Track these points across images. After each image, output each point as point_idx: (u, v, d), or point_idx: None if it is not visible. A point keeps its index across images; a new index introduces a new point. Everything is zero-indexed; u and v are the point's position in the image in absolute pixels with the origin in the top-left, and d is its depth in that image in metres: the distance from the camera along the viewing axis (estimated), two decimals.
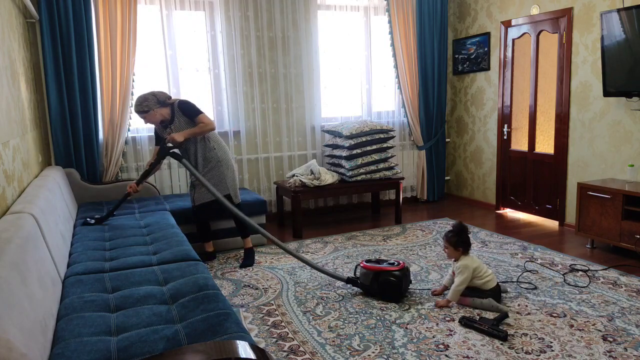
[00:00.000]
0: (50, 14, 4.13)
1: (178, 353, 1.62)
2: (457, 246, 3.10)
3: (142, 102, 3.60)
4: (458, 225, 3.13)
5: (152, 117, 3.64)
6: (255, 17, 5.08)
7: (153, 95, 3.63)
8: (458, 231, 3.11)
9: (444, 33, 5.78)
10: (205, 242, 4.08)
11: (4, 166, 2.53)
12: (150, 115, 3.62)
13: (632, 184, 3.97)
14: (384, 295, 3.18)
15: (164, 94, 3.69)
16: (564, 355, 2.47)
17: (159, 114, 3.64)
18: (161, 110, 3.65)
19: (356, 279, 3.31)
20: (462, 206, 5.88)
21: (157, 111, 3.63)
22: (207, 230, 4.04)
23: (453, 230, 3.13)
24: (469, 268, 3.04)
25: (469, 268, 3.04)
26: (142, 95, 3.62)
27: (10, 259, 1.73)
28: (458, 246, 3.10)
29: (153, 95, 3.63)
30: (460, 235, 3.10)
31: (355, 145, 4.98)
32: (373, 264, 3.22)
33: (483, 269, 3.07)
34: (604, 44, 4.08)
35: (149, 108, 3.60)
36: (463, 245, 3.10)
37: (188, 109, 3.69)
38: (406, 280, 3.20)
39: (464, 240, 3.10)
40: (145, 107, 3.59)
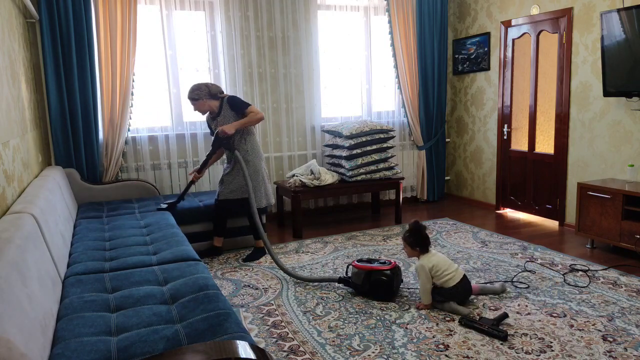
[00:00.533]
0: (50, 14, 4.13)
1: (178, 353, 1.62)
2: (413, 246, 3.10)
3: (194, 89, 3.84)
4: (413, 225, 3.13)
5: (201, 106, 3.88)
6: (255, 17, 5.08)
7: (206, 86, 3.86)
8: (412, 230, 3.11)
9: (444, 33, 5.78)
10: (216, 237, 4.15)
11: (4, 166, 2.53)
12: (199, 104, 3.86)
13: (632, 184, 3.97)
14: (375, 294, 3.19)
15: (217, 88, 3.92)
16: (564, 355, 2.47)
17: (207, 104, 3.87)
18: (210, 101, 3.88)
19: (348, 278, 3.33)
20: (462, 206, 5.88)
21: (206, 102, 3.86)
22: (222, 226, 4.13)
23: (409, 230, 3.13)
24: (424, 269, 3.01)
25: (424, 269, 3.01)
26: (197, 84, 3.87)
27: (10, 259, 1.73)
28: (414, 246, 3.09)
29: (206, 86, 3.86)
30: (414, 234, 3.09)
31: (355, 145, 4.98)
32: (364, 264, 3.24)
33: (442, 267, 3.00)
34: (604, 44, 4.08)
35: (199, 97, 3.83)
36: (419, 244, 3.08)
37: (236, 103, 3.87)
38: (397, 279, 3.21)
39: (419, 239, 3.08)
40: (195, 95, 3.83)
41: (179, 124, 4.90)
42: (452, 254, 4.07)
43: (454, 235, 4.61)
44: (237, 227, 4.34)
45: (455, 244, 4.34)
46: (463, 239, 4.50)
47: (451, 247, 4.27)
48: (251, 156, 3.96)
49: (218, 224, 4.12)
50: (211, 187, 5.08)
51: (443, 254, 3.19)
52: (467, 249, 4.19)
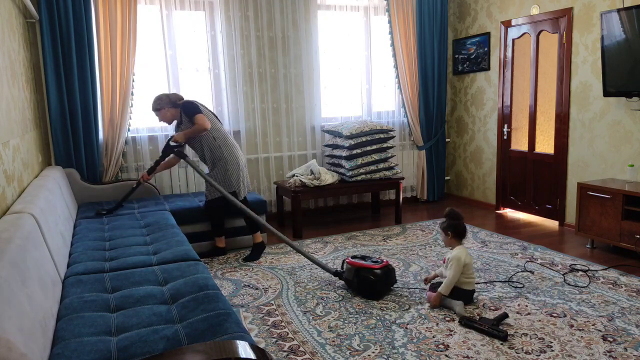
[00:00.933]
0: (50, 14, 4.13)
1: (178, 353, 1.62)
2: (446, 230, 3.11)
3: (155, 100, 3.92)
4: (448, 210, 3.16)
5: (164, 116, 3.94)
6: (255, 17, 5.08)
7: (166, 95, 3.94)
8: (447, 215, 3.14)
9: (444, 33, 5.78)
10: (218, 237, 4.17)
11: (4, 166, 2.53)
12: (162, 113, 3.93)
13: (632, 184, 3.97)
14: (362, 291, 3.24)
15: (177, 96, 3.98)
16: (564, 355, 2.47)
17: (169, 113, 3.93)
18: (171, 110, 3.93)
19: (342, 272, 3.41)
20: (462, 206, 5.88)
21: (168, 110, 3.92)
22: (220, 225, 4.13)
23: (444, 215, 3.17)
24: (460, 261, 2.99)
25: (460, 261, 2.99)
26: (157, 95, 3.94)
27: (10, 259, 1.73)
28: (447, 229, 3.10)
29: (166, 95, 3.94)
30: (449, 218, 3.11)
31: (355, 145, 4.98)
32: (358, 260, 3.30)
33: (470, 269, 3.07)
34: (604, 44, 4.08)
35: (160, 106, 3.91)
36: (452, 229, 3.09)
37: (187, 109, 3.89)
38: (388, 279, 3.24)
39: (453, 225, 3.09)
40: (157, 104, 3.91)
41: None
42: None
43: None
44: (236, 227, 4.34)
45: None
46: None
47: None
48: (225, 152, 3.95)
49: (215, 224, 4.12)
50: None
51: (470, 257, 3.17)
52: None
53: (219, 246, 4.18)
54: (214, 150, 3.94)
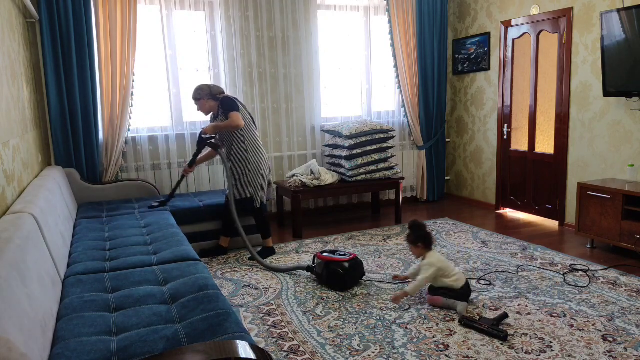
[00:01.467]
0: (50, 14, 4.13)
1: (178, 353, 1.62)
2: (415, 242, 3.16)
3: (196, 90, 3.95)
4: (411, 223, 3.23)
5: (202, 106, 3.97)
6: (255, 17, 5.08)
7: (208, 86, 3.96)
8: (412, 227, 3.20)
9: (444, 33, 5.78)
10: (223, 237, 4.19)
11: (4, 166, 2.53)
12: (201, 103, 3.96)
13: (632, 184, 3.97)
14: (331, 284, 3.38)
15: (218, 89, 4.00)
16: (564, 355, 2.47)
17: (207, 105, 3.96)
18: (210, 102, 3.96)
19: (313, 267, 3.57)
20: (462, 206, 5.88)
21: (207, 102, 3.95)
22: (230, 226, 4.15)
23: (408, 228, 3.23)
24: (434, 266, 3.06)
25: (434, 266, 3.06)
26: (200, 85, 3.97)
27: (10, 259, 1.73)
28: (417, 242, 3.15)
29: (208, 86, 3.96)
30: (414, 231, 3.17)
31: (355, 145, 4.98)
32: (327, 255, 3.47)
33: (449, 268, 3.09)
34: (604, 44, 4.08)
35: (200, 97, 3.94)
36: (421, 240, 3.14)
37: (225, 104, 3.92)
38: (355, 271, 3.39)
39: (420, 235, 3.14)
40: (197, 94, 3.94)
41: (178, 124, 4.90)
42: (452, 254, 4.07)
43: (454, 235, 4.61)
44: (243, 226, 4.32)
45: (455, 244, 4.34)
46: (463, 239, 4.50)
47: (451, 247, 4.27)
48: (251, 155, 3.98)
49: (226, 223, 4.15)
50: (211, 187, 5.08)
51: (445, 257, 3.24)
52: (467, 249, 4.19)
53: (222, 245, 4.20)
54: (241, 152, 3.96)
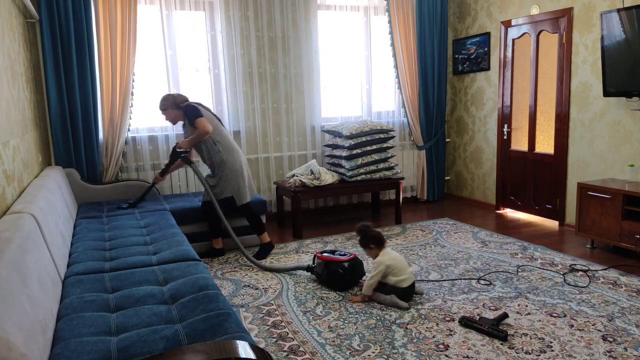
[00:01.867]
0: (50, 14, 4.13)
1: (178, 353, 1.62)
2: (367, 245, 3.21)
3: (162, 100, 3.96)
4: (357, 228, 3.31)
5: (169, 116, 3.99)
6: (255, 17, 5.08)
7: (172, 96, 3.98)
8: (359, 232, 3.27)
9: (444, 33, 5.78)
10: (214, 239, 4.18)
11: (4, 166, 2.53)
12: (167, 113, 3.98)
13: (632, 184, 3.97)
14: (331, 284, 3.39)
15: (182, 97, 4.01)
16: (564, 355, 2.47)
17: (173, 114, 3.97)
18: (175, 111, 3.97)
19: (313, 267, 3.58)
20: (462, 206, 5.88)
21: (172, 112, 3.96)
22: (217, 227, 4.14)
23: (357, 234, 3.30)
24: (383, 264, 3.10)
25: (383, 264, 3.10)
26: (164, 95, 3.99)
27: (10, 259, 1.73)
28: (368, 244, 3.20)
29: (172, 96, 3.98)
30: (362, 235, 3.24)
31: (355, 145, 4.98)
32: (327, 255, 3.48)
33: (399, 267, 3.11)
34: (604, 44, 4.08)
35: (165, 107, 3.95)
36: (372, 241, 3.19)
37: (188, 112, 3.91)
38: (355, 272, 3.40)
39: (369, 238, 3.20)
40: (162, 105, 3.96)
41: (178, 124, 4.89)
42: (452, 254, 4.07)
43: (454, 235, 4.61)
44: (239, 227, 4.34)
45: (455, 244, 4.34)
46: (463, 239, 4.50)
47: (451, 247, 4.27)
48: (225, 155, 3.96)
49: (212, 225, 4.12)
50: None
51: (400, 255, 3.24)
52: (467, 249, 4.19)
53: (216, 247, 4.18)
54: (214, 154, 3.95)
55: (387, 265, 3.09)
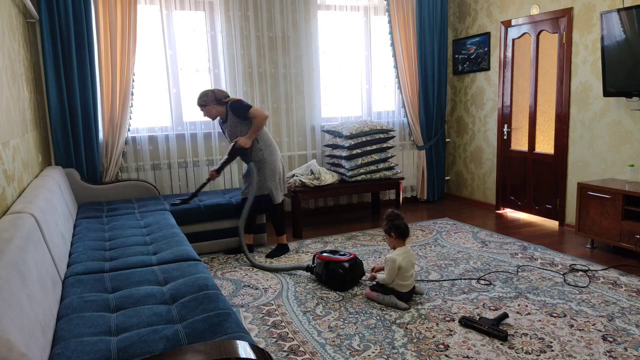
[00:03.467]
0: (50, 14, 4.13)
1: (178, 353, 1.62)
2: (388, 232, 3.14)
3: (201, 96, 3.95)
4: (389, 213, 3.21)
5: (209, 112, 3.98)
6: (255, 17, 5.08)
7: (212, 92, 3.97)
8: (387, 217, 3.18)
9: (444, 33, 5.78)
10: (246, 234, 4.23)
11: (4, 166, 2.53)
12: (207, 110, 3.96)
13: (632, 184, 3.97)
14: (331, 284, 3.38)
15: (223, 93, 4.01)
16: (564, 355, 2.47)
17: (214, 110, 3.97)
18: (217, 107, 3.97)
19: (313, 267, 3.58)
20: (462, 206, 5.88)
21: (213, 107, 3.95)
22: (250, 223, 4.21)
23: (385, 218, 3.21)
24: (395, 263, 3.03)
25: (395, 263, 3.03)
26: (204, 91, 3.97)
27: (10, 259, 1.73)
28: (389, 231, 3.13)
29: (212, 92, 3.97)
30: (390, 219, 3.15)
31: (355, 145, 4.98)
32: (327, 255, 3.48)
33: (407, 273, 3.06)
34: (604, 44, 4.08)
35: (205, 103, 3.94)
36: (395, 229, 3.11)
37: (237, 108, 3.92)
38: (354, 271, 3.39)
39: (394, 225, 3.11)
40: (202, 101, 3.94)
41: (178, 124, 4.90)
42: (452, 254, 4.07)
43: (454, 235, 4.61)
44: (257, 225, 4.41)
45: (455, 244, 4.34)
46: (463, 239, 4.50)
47: (451, 247, 4.27)
48: (266, 154, 4.01)
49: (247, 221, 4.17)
50: (210, 188, 5.07)
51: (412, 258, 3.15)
52: (467, 249, 4.19)
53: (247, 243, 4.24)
54: (256, 152, 3.98)
55: (402, 267, 3.04)
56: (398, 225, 3.12)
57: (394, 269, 3.03)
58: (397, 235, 3.12)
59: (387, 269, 3.06)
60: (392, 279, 3.05)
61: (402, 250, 3.10)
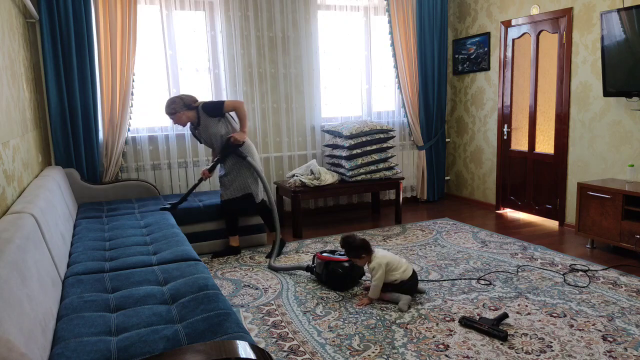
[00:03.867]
0: (50, 14, 4.13)
1: (178, 353, 1.62)
2: (358, 256, 3.15)
3: (169, 104, 3.91)
4: (342, 241, 3.21)
5: (179, 119, 3.94)
6: (255, 17, 5.08)
7: (180, 98, 3.93)
8: (344, 245, 3.19)
9: (444, 33, 5.78)
10: (231, 236, 4.22)
11: (4, 166, 2.53)
12: (177, 117, 3.92)
13: (632, 184, 3.97)
14: (331, 284, 3.38)
15: (191, 98, 3.99)
16: (564, 355, 2.47)
17: (185, 116, 3.94)
18: (187, 113, 3.94)
19: (313, 267, 3.58)
20: (462, 206, 5.88)
21: (184, 113, 3.92)
22: (234, 224, 4.19)
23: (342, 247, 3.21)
24: (382, 265, 3.09)
25: (382, 265, 3.09)
26: (171, 99, 3.94)
27: (10, 259, 1.73)
28: (359, 254, 3.14)
29: (180, 98, 3.93)
30: (349, 247, 3.16)
31: (355, 145, 4.98)
32: (327, 255, 3.48)
33: (396, 262, 3.13)
34: (604, 44, 4.08)
35: (175, 110, 3.90)
36: (360, 251, 3.14)
37: (211, 108, 3.94)
38: (355, 271, 3.40)
39: (357, 248, 3.13)
40: (171, 109, 3.90)
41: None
42: (452, 254, 4.07)
43: (454, 235, 4.61)
44: (244, 226, 4.37)
45: (455, 244, 4.34)
46: (463, 239, 4.50)
47: (451, 247, 4.27)
48: (246, 153, 4.01)
49: (229, 223, 4.18)
50: (211, 188, 5.08)
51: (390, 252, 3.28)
52: (467, 249, 4.19)
53: (232, 245, 4.22)
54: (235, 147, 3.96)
55: (386, 263, 3.10)
56: (362, 245, 3.13)
57: (383, 272, 3.08)
58: (366, 252, 3.14)
59: (376, 276, 3.10)
60: (382, 281, 3.10)
61: (377, 255, 3.15)
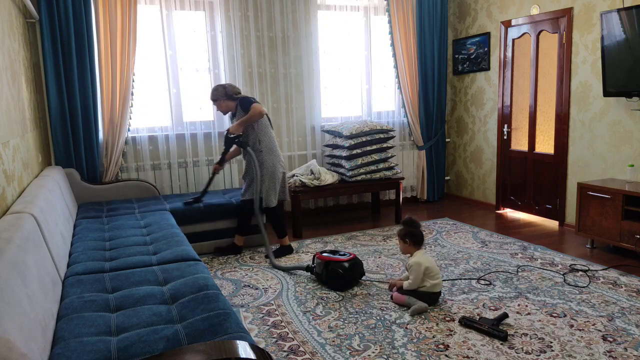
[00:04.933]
0: (50, 14, 4.13)
1: (178, 353, 1.62)
2: (403, 238, 3.13)
3: (212, 91, 4.03)
4: (406, 218, 3.20)
5: (219, 107, 4.04)
6: (255, 17, 5.08)
7: (223, 87, 4.02)
8: (404, 223, 3.17)
9: (444, 33, 5.78)
10: (238, 235, 4.23)
11: (4, 166, 2.53)
12: (218, 104, 4.03)
13: (632, 184, 3.97)
14: (331, 284, 3.39)
15: (234, 88, 4.06)
16: (564, 355, 2.47)
17: (224, 105, 4.02)
18: (227, 102, 4.02)
19: (313, 267, 3.58)
20: (462, 206, 5.88)
21: (223, 102, 4.01)
22: (245, 224, 4.21)
23: (402, 224, 3.21)
24: (421, 266, 3.03)
25: (421, 266, 3.03)
26: (215, 86, 4.05)
27: (10, 259, 1.73)
28: (404, 237, 3.12)
29: (223, 87, 4.02)
30: (407, 226, 3.14)
31: (355, 145, 4.98)
32: (327, 255, 3.48)
33: (434, 271, 3.07)
34: (604, 44, 4.08)
35: (216, 97, 4.01)
36: (410, 237, 3.11)
37: (243, 103, 3.97)
38: (355, 271, 3.40)
39: (411, 232, 3.11)
40: (213, 96, 4.01)
41: (178, 124, 4.90)
42: (452, 254, 4.07)
43: (454, 235, 4.61)
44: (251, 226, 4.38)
45: (455, 244, 4.34)
46: (463, 239, 4.50)
47: (451, 247, 4.27)
48: (266, 157, 4.01)
49: (241, 222, 4.19)
50: (211, 188, 5.07)
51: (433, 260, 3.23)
52: (467, 249, 4.19)
53: (237, 244, 4.23)
54: (256, 152, 3.98)
55: (426, 267, 3.03)
56: (414, 234, 3.11)
57: (420, 272, 3.03)
58: (411, 242, 3.12)
59: (414, 273, 3.04)
60: (417, 282, 3.04)
61: (421, 253, 3.12)
